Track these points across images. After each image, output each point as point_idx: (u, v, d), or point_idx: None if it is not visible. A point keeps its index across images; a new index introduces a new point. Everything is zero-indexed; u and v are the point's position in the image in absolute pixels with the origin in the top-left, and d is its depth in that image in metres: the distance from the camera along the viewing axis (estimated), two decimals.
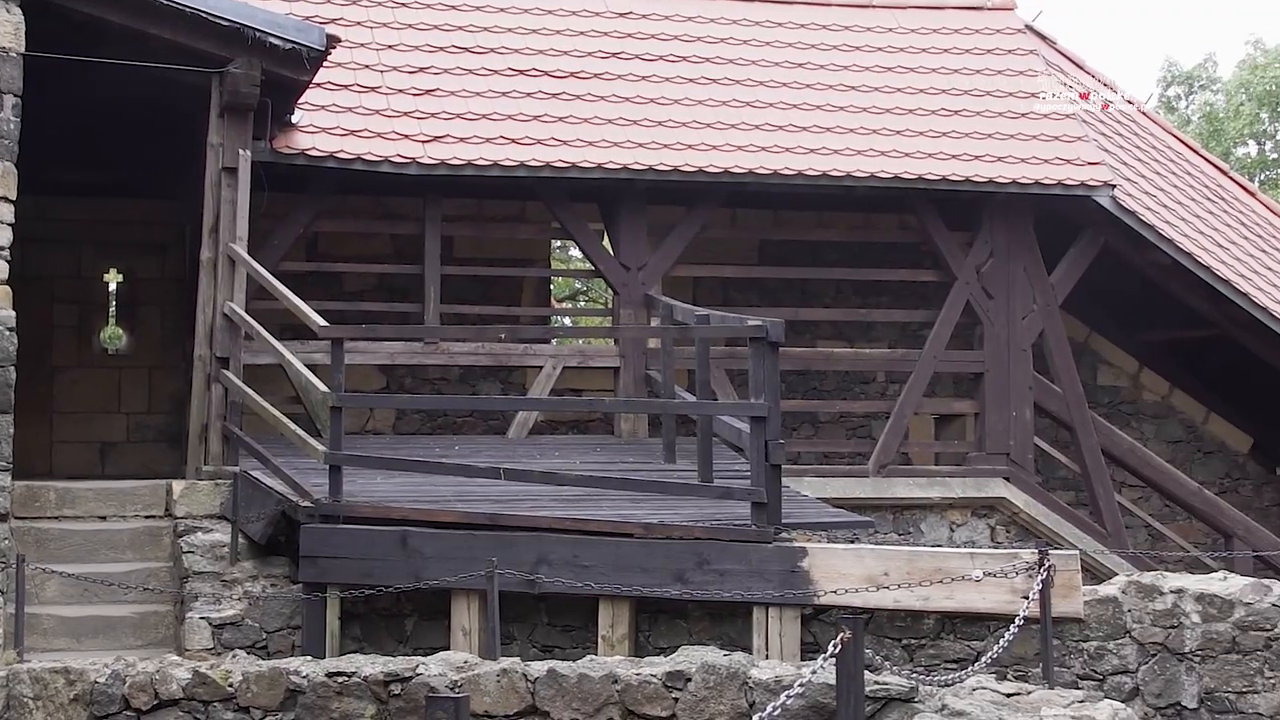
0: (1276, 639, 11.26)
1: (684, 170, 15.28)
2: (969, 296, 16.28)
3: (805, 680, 7.95)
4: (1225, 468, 19.01)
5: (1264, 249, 17.90)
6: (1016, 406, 16.22)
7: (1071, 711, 7.99)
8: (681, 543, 11.09)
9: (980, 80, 17.07)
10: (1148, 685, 11.29)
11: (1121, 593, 11.43)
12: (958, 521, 16.21)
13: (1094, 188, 15.94)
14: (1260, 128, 48.33)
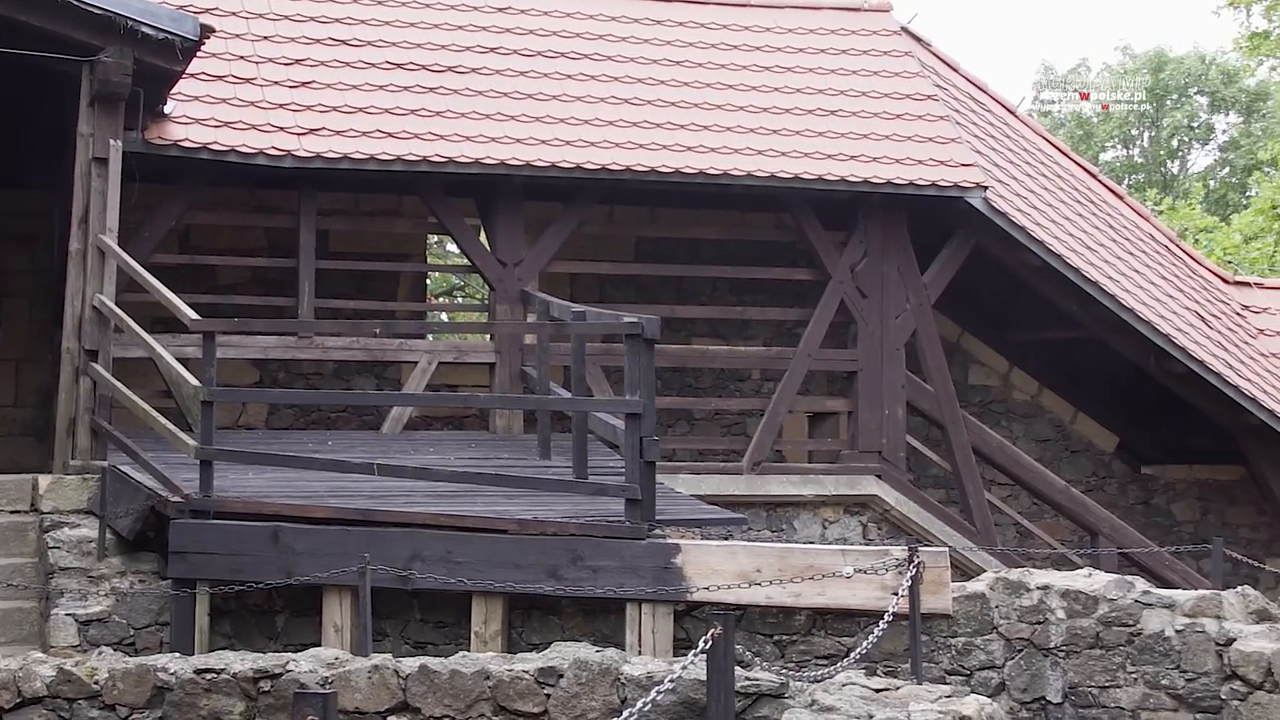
0: (1139, 634, 11.47)
1: (561, 166, 15.28)
2: (843, 295, 16.41)
3: (676, 676, 7.99)
4: (1092, 466, 19.30)
5: (1131, 251, 18.20)
6: (889, 405, 16.39)
7: (939, 707, 8.09)
8: (555, 539, 11.09)
9: (856, 81, 17.22)
10: (1014, 680, 11.46)
11: (989, 589, 11.59)
12: (830, 519, 16.34)
13: (967, 189, 16.13)
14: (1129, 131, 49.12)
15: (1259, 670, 11.15)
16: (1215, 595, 11.74)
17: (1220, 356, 17.45)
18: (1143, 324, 16.88)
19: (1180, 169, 49.75)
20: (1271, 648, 11.12)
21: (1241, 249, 32.63)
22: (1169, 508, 19.43)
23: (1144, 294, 17.38)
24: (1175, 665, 11.43)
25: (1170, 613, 11.54)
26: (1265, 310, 19.31)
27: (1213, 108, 49.22)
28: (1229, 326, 18.53)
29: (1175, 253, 19.16)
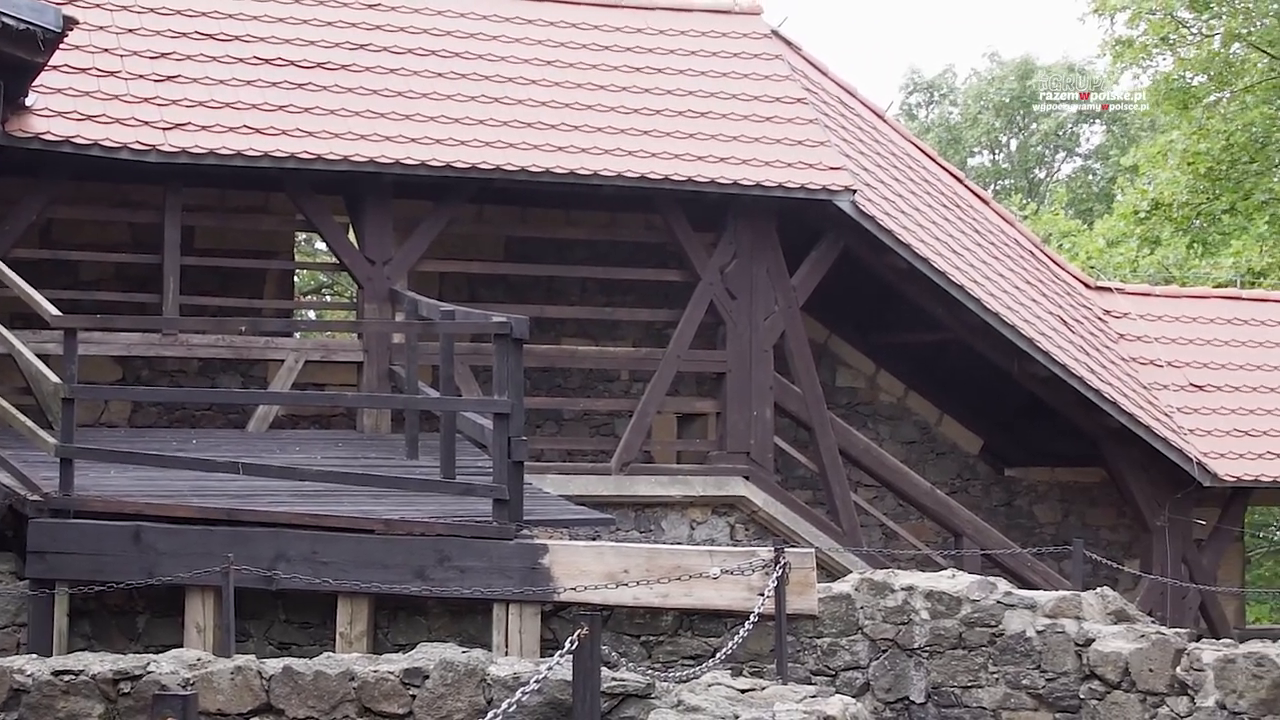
0: (1001, 635, 11.63)
1: (431, 165, 15.21)
2: (713, 297, 16.47)
3: (542, 676, 7.97)
4: (957, 468, 19.53)
5: (997, 256, 18.43)
6: (757, 406, 16.47)
7: (804, 707, 8.14)
8: (423, 539, 11.04)
9: (726, 83, 17.29)
10: (878, 680, 11.57)
11: (855, 590, 11.69)
12: (698, 519, 16.40)
13: (835, 192, 16.25)
14: (995, 137, 49.78)
15: (1116, 670, 11.34)
16: (1075, 596, 11.93)
17: (1082, 360, 17.72)
18: (1007, 328, 17.10)
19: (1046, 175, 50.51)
20: (1129, 648, 11.32)
21: (1105, 254, 33.18)
22: (1031, 509, 19.70)
23: (1009, 298, 17.61)
24: (1036, 665, 11.60)
25: (1031, 613, 11.71)
26: (1126, 315, 19.63)
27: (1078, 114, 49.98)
28: (1091, 331, 18.82)
29: (1039, 258, 19.42)
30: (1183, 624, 16.79)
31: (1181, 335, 19.65)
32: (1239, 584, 21.07)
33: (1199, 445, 18.06)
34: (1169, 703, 11.11)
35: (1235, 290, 22.46)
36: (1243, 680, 10.66)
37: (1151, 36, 32.67)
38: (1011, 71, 49.06)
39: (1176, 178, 32.20)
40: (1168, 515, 18.09)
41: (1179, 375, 19.05)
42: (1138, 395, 18.18)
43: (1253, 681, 10.60)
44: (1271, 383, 19.41)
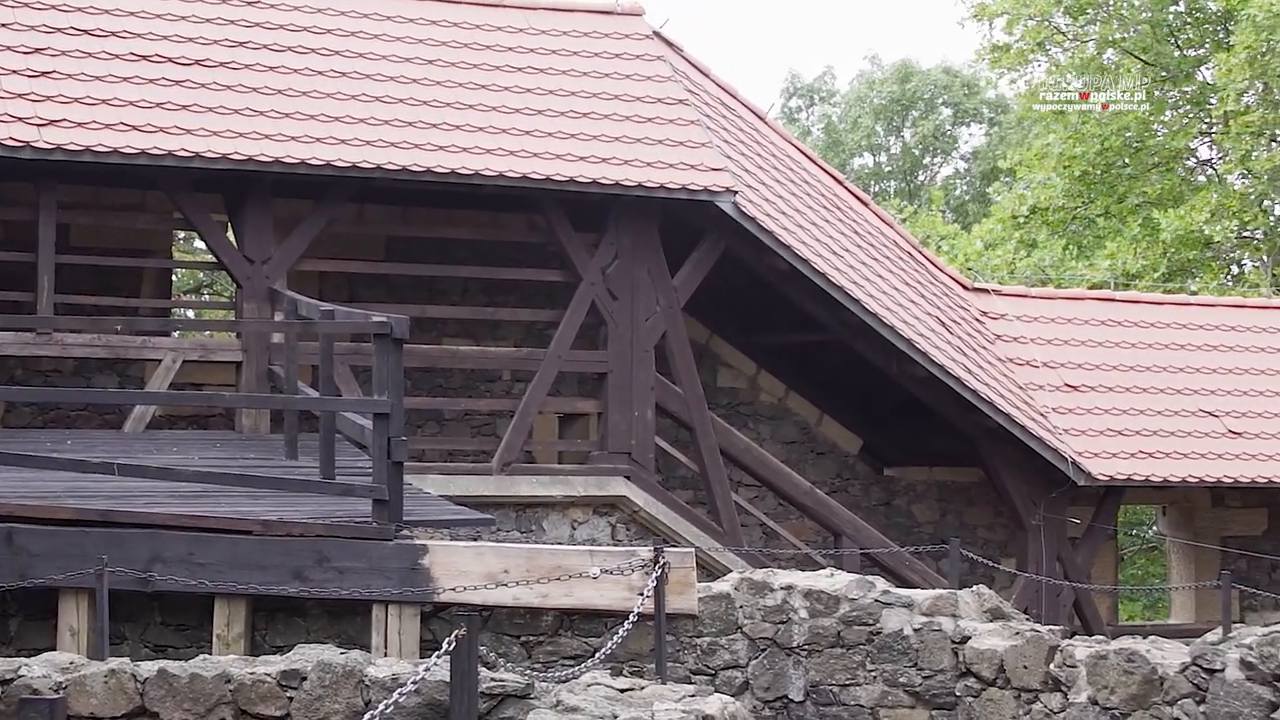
0: (878, 633, 11.73)
1: (311, 164, 15.12)
2: (594, 297, 16.49)
3: (419, 678, 7.95)
4: (836, 468, 19.68)
5: (876, 257, 18.59)
6: (638, 406, 16.51)
7: (683, 706, 8.17)
8: (301, 540, 10.95)
9: (608, 84, 17.31)
10: (757, 679, 11.63)
11: (734, 589, 11.75)
12: (580, 519, 16.41)
13: (717, 193, 16.33)
14: (875, 140, 50.20)
15: (992, 667, 11.48)
16: (952, 594, 12.06)
17: (960, 361, 17.92)
18: (886, 328, 17.26)
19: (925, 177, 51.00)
20: (1004, 645, 11.46)
21: (982, 256, 33.56)
22: (910, 509, 19.90)
23: (888, 299, 17.77)
24: (913, 663, 11.72)
25: (909, 612, 11.82)
26: (1003, 316, 19.88)
27: (957, 118, 50.52)
28: (969, 332, 19.04)
29: (918, 259, 19.62)
30: (1057, 621, 17.01)
31: (1057, 336, 19.93)
32: (1112, 582, 21.41)
33: (1074, 445, 18.32)
34: (1043, 699, 11.26)
35: (1109, 292, 22.78)
36: (1114, 676, 10.83)
37: (1028, 42, 33.12)
38: (891, 75, 49.50)
39: (1053, 181, 32.67)
40: (1043, 514, 18.33)
41: (1054, 375, 19.31)
42: (1014, 395, 18.42)
43: (1124, 678, 10.77)
44: (1144, 383, 19.73)
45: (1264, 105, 30.73)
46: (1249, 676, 10.21)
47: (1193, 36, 33.54)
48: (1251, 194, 30.95)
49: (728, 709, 8.29)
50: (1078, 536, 18.93)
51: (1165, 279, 30.72)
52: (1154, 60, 32.95)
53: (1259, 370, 20.41)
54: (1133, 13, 32.77)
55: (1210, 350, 20.45)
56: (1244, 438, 19.39)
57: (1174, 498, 21.14)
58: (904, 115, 49.58)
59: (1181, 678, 10.61)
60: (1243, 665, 10.27)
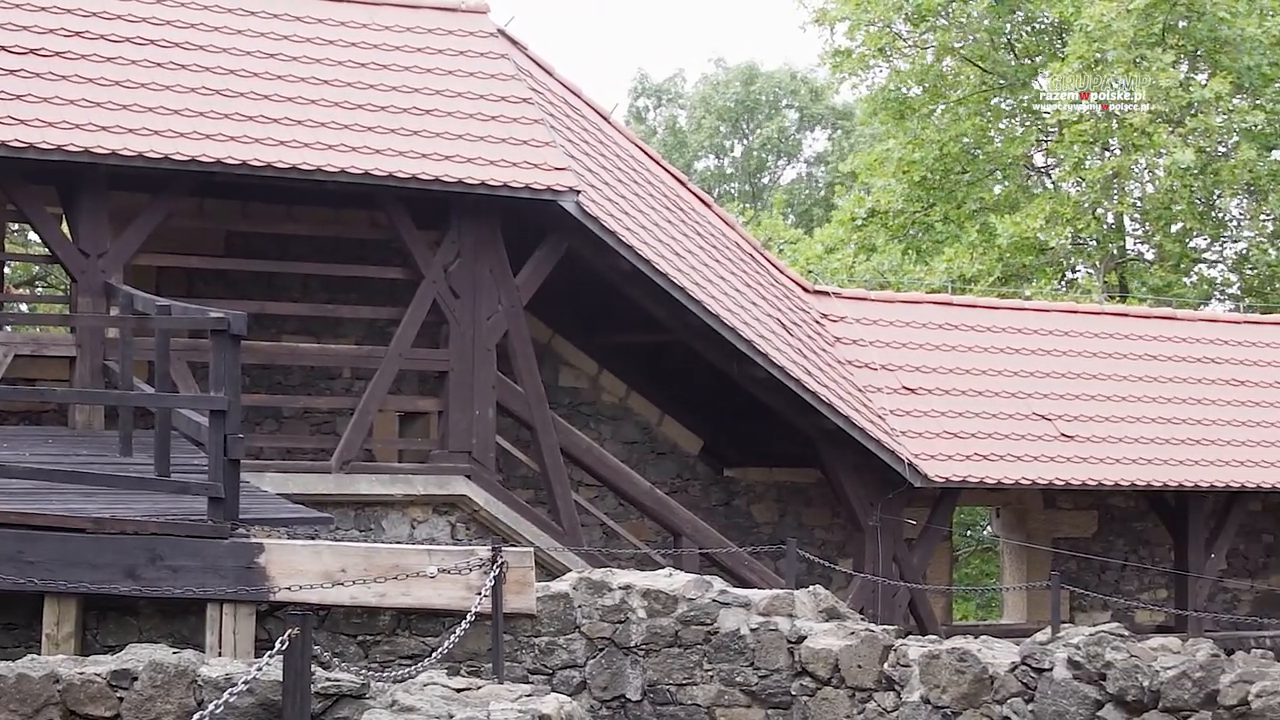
0: (716, 633, 11.80)
1: (149, 156, 14.89)
2: (436, 295, 16.42)
3: (251, 677, 7.87)
4: (677, 468, 19.77)
5: (718, 259, 18.70)
6: (479, 405, 16.46)
7: (519, 706, 8.17)
8: (135, 538, 10.78)
9: (452, 81, 17.24)
10: (595, 679, 11.65)
11: (573, 589, 11.76)
12: (419, 518, 16.33)
13: (560, 193, 16.32)
14: (720, 142, 50.52)
15: (827, 667, 11.61)
16: (788, 594, 12.18)
17: (800, 363, 18.08)
18: (727, 330, 17.37)
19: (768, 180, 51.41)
20: (839, 645, 11.59)
21: (823, 260, 33.91)
22: (749, 509, 20.05)
23: (729, 300, 17.88)
24: (749, 663, 11.81)
25: (746, 611, 11.92)
26: (843, 319, 20.10)
27: (801, 122, 51.01)
28: (809, 334, 19.22)
29: (760, 261, 19.77)
30: (893, 621, 17.24)
31: (895, 339, 20.19)
32: (947, 582, 21.75)
33: (910, 447, 18.57)
34: (876, 698, 11.41)
35: (947, 296, 23.11)
36: (946, 675, 11.00)
37: (869, 48, 33.52)
38: (736, 77, 49.85)
39: (892, 186, 33.09)
40: (880, 515, 18.56)
41: (892, 378, 19.56)
42: (853, 397, 18.62)
43: (955, 676, 10.94)
44: (980, 386, 20.04)
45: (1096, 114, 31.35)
46: (1076, 675, 10.42)
47: (1029, 45, 34.16)
48: (1084, 201, 31.58)
49: (564, 709, 8.31)
50: (913, 537, 19.17)
51: (1001, 283, 31.25)
52: (991, 68, 33.51)
53: (1090, 374, 20.83)
54: (971, 21, 33.28)
55: (1044, 354, 20.84)
56: (1075, 441, 19.76)
57: (1007, 499, 21.51)
58: (749, 118, 49.96)
59: (1011, 677, 10.80)
60: (1070, 664, 10.48)
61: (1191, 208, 31.92)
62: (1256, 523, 22.51)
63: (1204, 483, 19.87)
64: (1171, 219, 32.46)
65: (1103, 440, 19.95)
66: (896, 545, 18.76)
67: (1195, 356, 21.74)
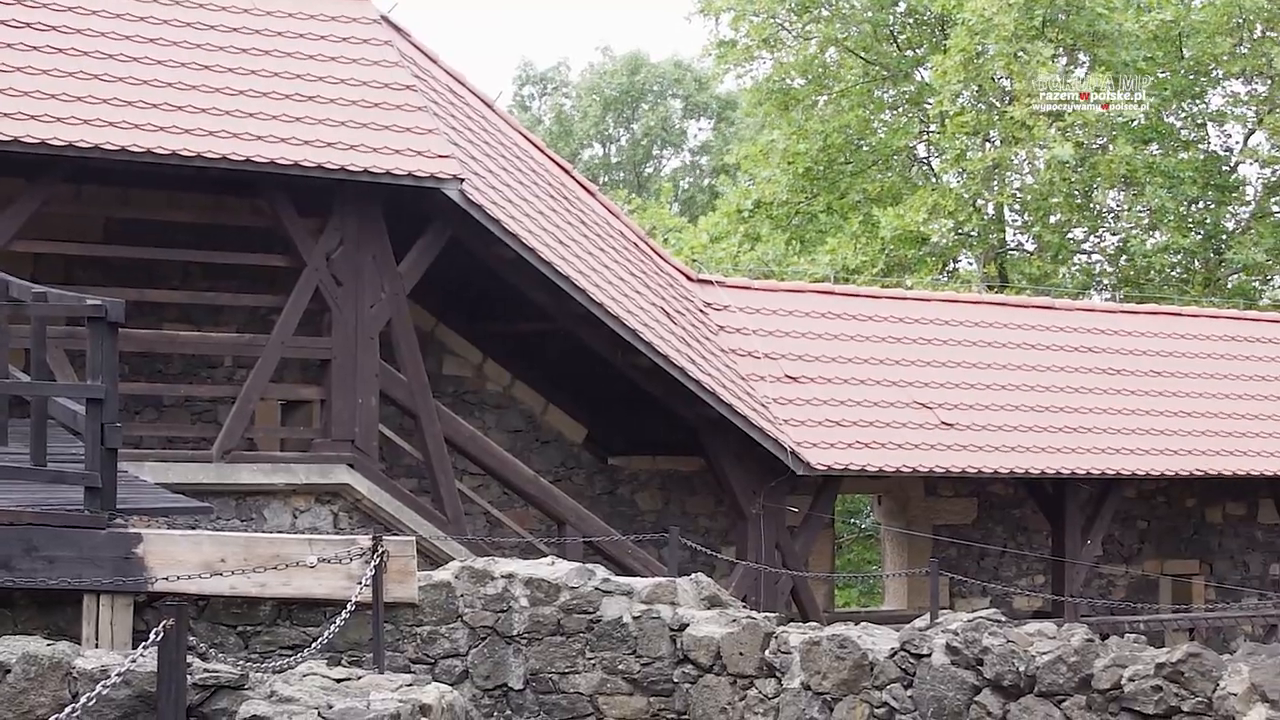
0: (598, 621, 11.83)
1: (25, 142, 14.65)
2: (318, 283, 16.30)
3: (126, 669, 7.79)
4: (561, 457, 19.78)
5: (602, 248, 18.71)
6: (363, 394, 16.37)
7: (400, 696, 8.15)
8: (9, 528, 10.61)
9: (335, 67, 17.11)
10: (477, 668, 11.64)
11: (455, 578, 11.74)
12: (301, 508, 16.22)
13: (443, 180, 16.26)
14: (605, 131, 50.54)
15: (709, 654, 11.67)
16: (671, 582, 12.22)
17: (683, 351, 18.14)
18: (611, 318, 17.38)
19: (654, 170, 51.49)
20: (721, 632, 11.65)
21: (708, 249, 34.05)
22: (633, 497, 20.10)
23: (613, 289, 17.90)
24: (632, 650, 11.85)
25: (628, 599, 11.95)
26: (726, 308, 20.17)
27: (686, 112, 51.13)
28: (693, 323, 19.28)
29: (644, 250, 19.80)
30: (775, 608, 17.39)
31: (778, 328, 20.28)
32: (829, 569, 21.93)
33: (793, 435, 18.67)
34: (758, 685, 11.48)
35: (829, 285, 23.27)
36: (826, 662, 11.08)
37: (754, 39, 33.67)
38: (622, 66, 49.89)
39: (777, 177, 33.27)
40: (763, 503, 18.66)
41: (775, 366, 19.66)
42: (736, 386, 18.70)
43: (835, 663, 11.03)
44: (862, 375, 20.20)
45: (978, 106, 31.70)
46: (954, 661, 10.53)
47: (912, 38, 34.48)
48: (966, 193, 31.92)
49: (445, 698, 8.30)
50: (796, 525, 19.30)
51: (884, 275, 31.55)
52: (874, 59, 33.78)
53: (970, 364, 21.05)
54: (855, 13, 33.53)
55: (925, 343, 21.03)
56: (956, 429, 19.98)
57: (889, 487, 21.72)
58: (634, 107, 50.02)
59: (891, 663, 10.90)
60: (948, 650, 10.59)
61: (1070, 200, 32.37)
62: (1131, 509, 22.89)
63: (1081, 470, 20.15)
64: (1050, 210, 32.91)
65: (982, 428, 20.17)
66: (779, 533, 18.87)
67: (1073, 346, 22.04)
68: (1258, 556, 23.90)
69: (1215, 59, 33.01)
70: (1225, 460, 21.18)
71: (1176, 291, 32.34)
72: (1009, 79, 31.09)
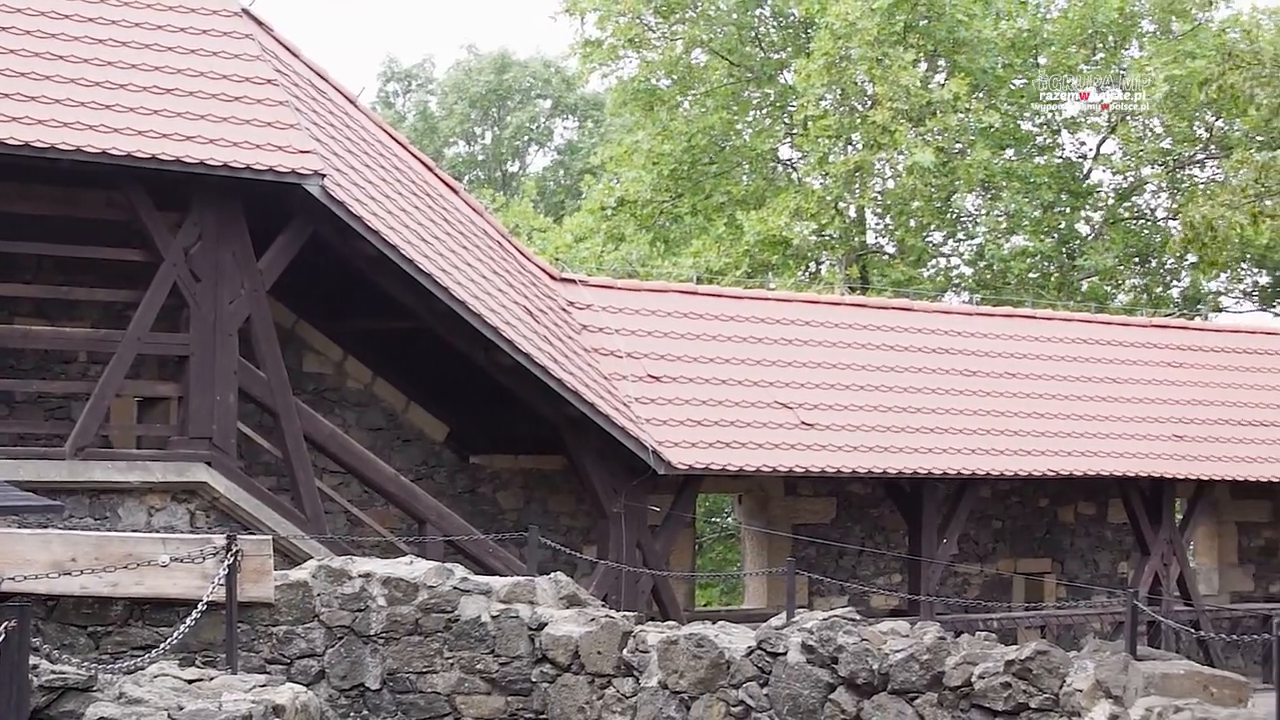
0: (456, 620, 11.80)
1: None
2: (176, 278, 16.10)
3: None
4: (423, 455, 19.66)
5: (465, 245, 18.65)
6: (221, 390, 16.19)
7: (252, 696, 8.09)
8: None
9: (194, 60, 16.90)
10: (334, 668, 11.56)
11: (312, 577, 11.66)
12: (157, 506, 16.01)
13: (305, 176, 16.11)
14: (471, 129, 50.39)
15: (567, 653, 11.68)
16: (530, 582, 12.23)
17: (546, 350, 18.12)
18: (474, 316, 17.32)
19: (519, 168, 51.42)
20: (579, 631, 11.67)
21: (572, 249, 34.04)
22: (495, 496, 20.04)
23: (476, 287, 17.84)
24: (490, 650, 11.84)
25: (487, 599, 11.94)
26: (589, 307, 20.17)
27: (552, 111, 51.11)
28: (555, 321, 19.26)
29: (507, 248, 19.76)
30: (636, 607, 17.41)
31: (641, 327, 20.31)
32: (690, 568, 22.00)
33: (655, 434, 18.72)
34: (615, 684, 11.51)
35: (692, 285, 23.36)
36: (684, 660, 11.14)
37: (619, 39, 33.73)
38: (489, 64, 49.76)
39: (641, 177, 33.35)
40: (624, 502, 18.68)
41: (638, 366, 19.69)
42: (598, 385, 18.72)
43: (693, 662, 11.09)
44: (723, 375, 20.28)
45: (841, 110, 31.99)
46: (809, 659, 10.64)
47: (776, 41, 34.72)
48: (828, 196, 32.18)
49: (299, 699, 8.24)
50: (657, 524, 19.34)
51: (748, 277, 31.72)
52: (739, 62, 33.97)
53: (830, 364, 21.20)
54: (720, 14, 33.70)
55: (786, 344, 21.15)
56: (815, 429, 20.12)
57: (749, 486, 21.84)
58: (500, 106, 49.92)
59: (747, 661, 10.98)
60: (804, 649, 10.69)
61: (929, 204, 32.76)
62: (986, 509, 23.21)
63: (937, 470, 20.38)
64: (911, 214, 33.29)
65: (841, 428, 20.33)
66: (640, 532, 18.91)
67: (930, 347, 22.27)
68: (1107, 555, 24.34)
69: (1070, 68, 33.58)
70: (1077, 461, 21.52)
71: (1032, 295, 32.83)
72: (871, 83, 31.40)
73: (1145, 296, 36.43)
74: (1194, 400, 23.56)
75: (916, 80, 30.73)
